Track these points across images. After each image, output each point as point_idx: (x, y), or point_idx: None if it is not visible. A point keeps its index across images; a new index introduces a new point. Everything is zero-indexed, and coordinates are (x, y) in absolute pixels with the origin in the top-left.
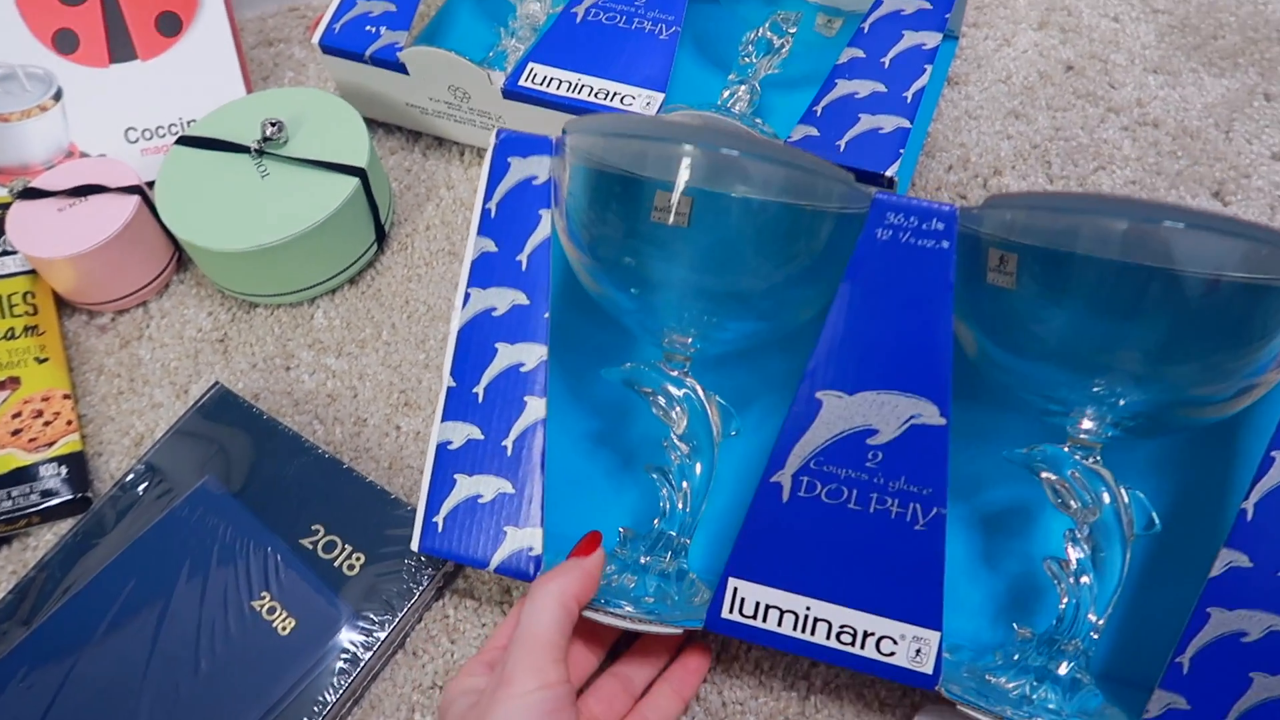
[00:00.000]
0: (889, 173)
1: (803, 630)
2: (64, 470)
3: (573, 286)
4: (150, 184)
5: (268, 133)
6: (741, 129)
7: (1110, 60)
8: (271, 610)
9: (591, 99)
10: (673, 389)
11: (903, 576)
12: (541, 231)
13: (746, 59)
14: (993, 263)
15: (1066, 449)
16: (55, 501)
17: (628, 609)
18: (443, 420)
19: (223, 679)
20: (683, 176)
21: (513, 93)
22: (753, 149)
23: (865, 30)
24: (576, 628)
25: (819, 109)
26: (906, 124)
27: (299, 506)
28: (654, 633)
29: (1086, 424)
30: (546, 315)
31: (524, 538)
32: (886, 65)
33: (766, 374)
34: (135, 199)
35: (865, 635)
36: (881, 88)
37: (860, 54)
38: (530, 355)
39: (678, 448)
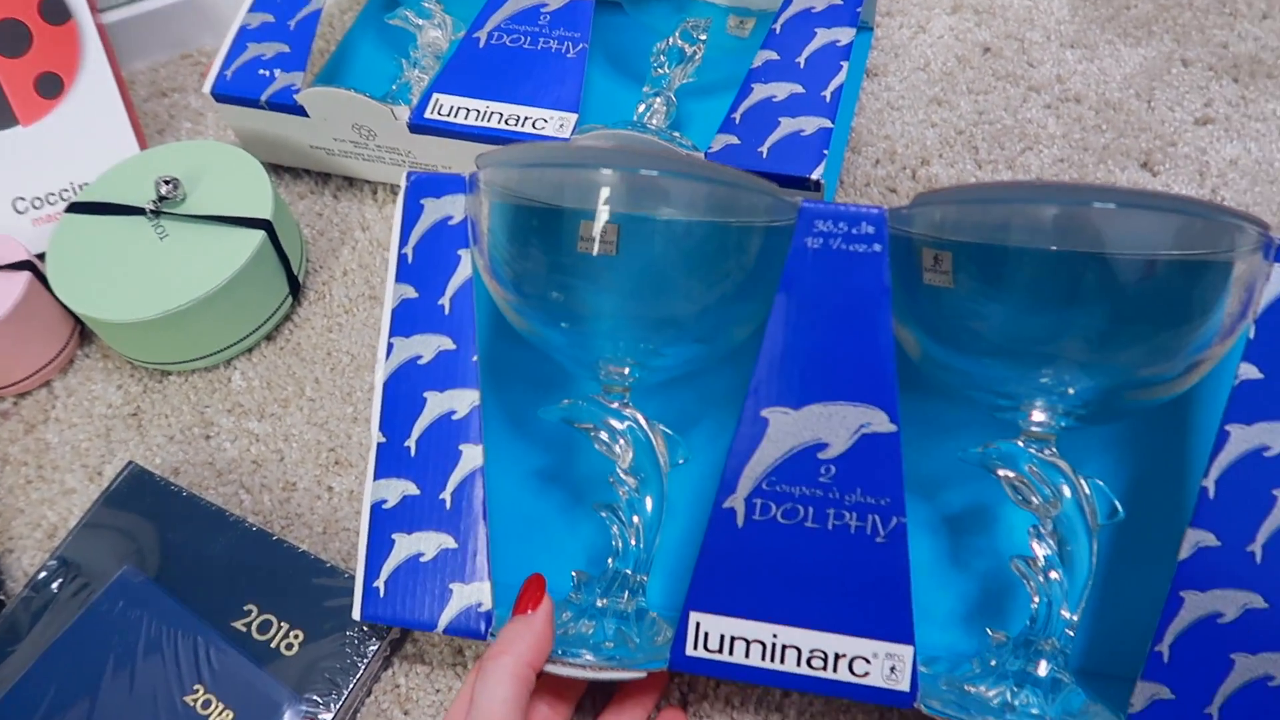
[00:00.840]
0: (814, 175)
1: (771, 659)
2: None
3: (500, 325)
4: (42, 256)
5: (163, 191)
6: (658, 146)
7: (1027, 39)
8: (206, 704)
9: (502, 126)
10: (614, 422)
11: (869, 592)
12: (462, 272)
13: (659, 70)
14: (927, 263)
15: (1021, 443)
16: None
17: (587, 657)
18: (375, 479)
19: None
20: (604, 203)
21: (419, 126)
22: (672, 167)
23: (777, 31)
24: (538, 685)
25: (737, 116)
26: (828, 124)
27: (228, 587)
28: (616, 679)
29: (1038, 415)
30: (475, 359)
31: (471, 593)
32: (802, 65)
33: (710, 394)
34: (26, 275)
35: (837, 657)
36: (799, 89)
37: (774, 56)
38: (461, 402)
39: (625, 482)
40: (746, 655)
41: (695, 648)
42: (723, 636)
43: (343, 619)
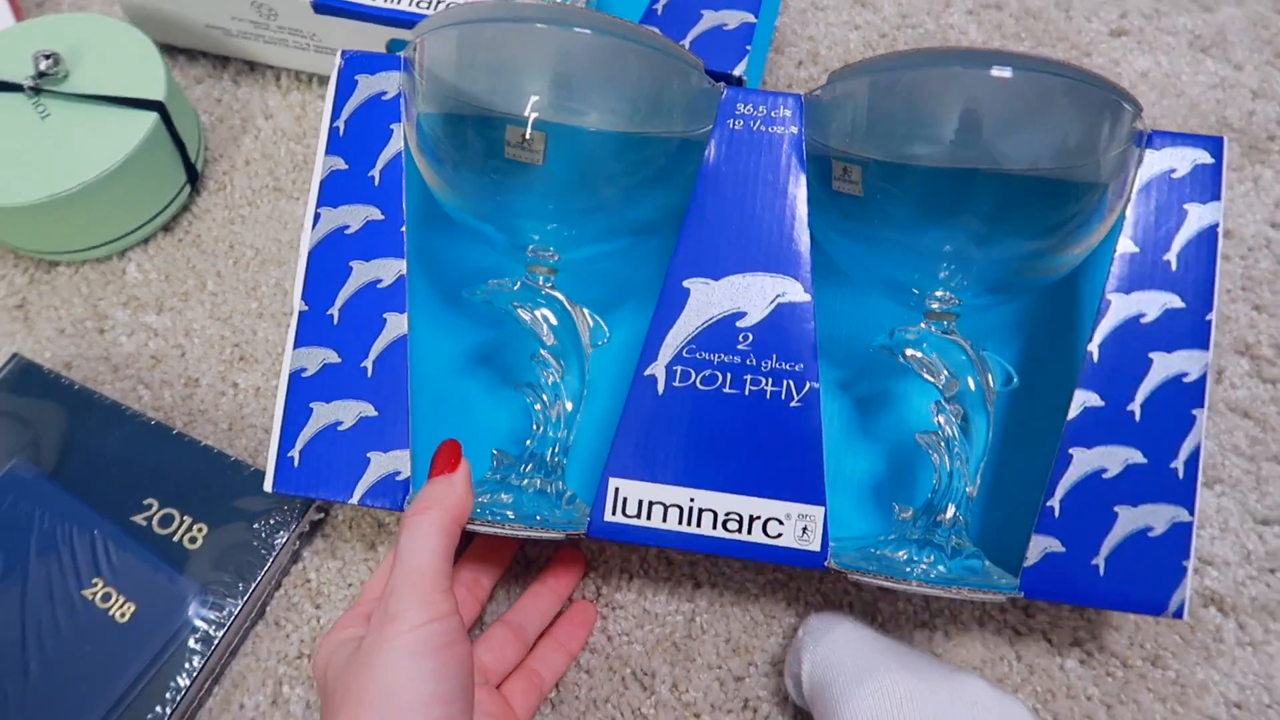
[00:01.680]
0: (737, 71)
1: (688, 523)
2: None
3: (430, 204)
4: None
5: (42, 67)
6: (592, 12)
7: None
8: (106, 597)
9: (413, 9)
10: (539, 303)
11: (783, 455)
12: (394, 146)
13: None
14: (837, 173)
15: (924, 326)
16: None
17: (510, 516)
18: (295, 347)
19: (58, 678)
20: (536, 84)
21: (324, 6)
22: (609, 28)
23: None
24: (461, 555)
25: (659, 7)
26: (751, 19)
27: (127, 482)
28: (535, 539)
29: (939, 294)
30: (403, 229)
31: (389, 462)
32: None
33: (632, 277)
34: None
35: (751, 520)
36: None
37: None
38: (388, 271)
39: (548, 363)
40: (664, 520)
41: (614, 513)
42: (641, 502)
43: (249, 514)
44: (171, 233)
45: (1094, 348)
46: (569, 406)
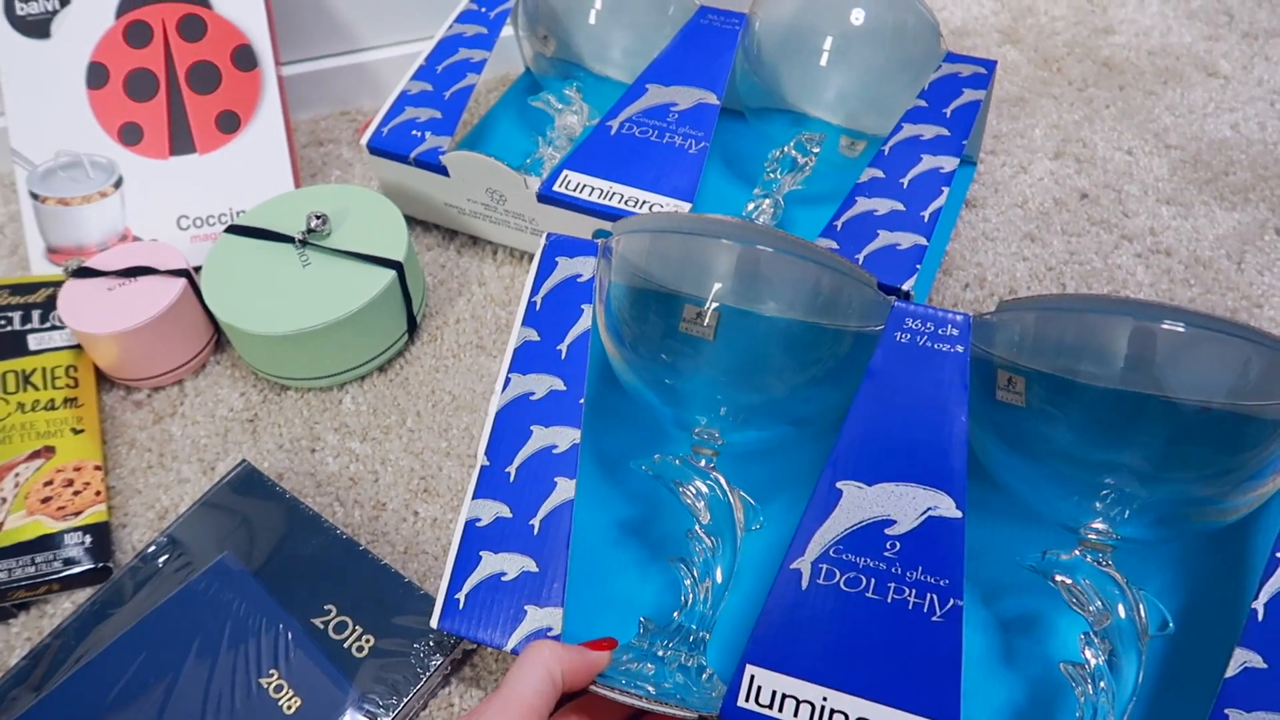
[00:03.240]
0: (905, 286)
1: None
2: (88, 539)
3: (609, 378)
4: (198, 269)
5: (312, 225)
6: (776, 231)
7: (1124, 190)
8: (279, 688)
9: (621, 205)
10: (699, 481)
11: (921, 668)
12: (582, 324)
13: (771, 175)
14: (1002, 382)
15: (1078, 553)
16: (76, 570)
17: (649, 689)
18: (474, 498)
19: None
20: (718, 280)
21: (547, 197)
22: (787, 246)
23: (886, 153)
24: (580, 705)
25: (839, 224)
26: (923, 241)
27: (314, 586)
28: (668, 714)
29: (1097, 525)
30: (581, 401)
31: (543, 617)
32: (905, 185)
33: (790, 469)
34: (182, 282)
35: None
36: (900, 206)
37: (880, 174)
38: (563, 438)
39: (702, 540)
40: (795, 714)
41: (747, 700)
42: (774, 693)
43: (412, 633)
44: (385, 373)
45: (1259, 605)
46: (719, 582)
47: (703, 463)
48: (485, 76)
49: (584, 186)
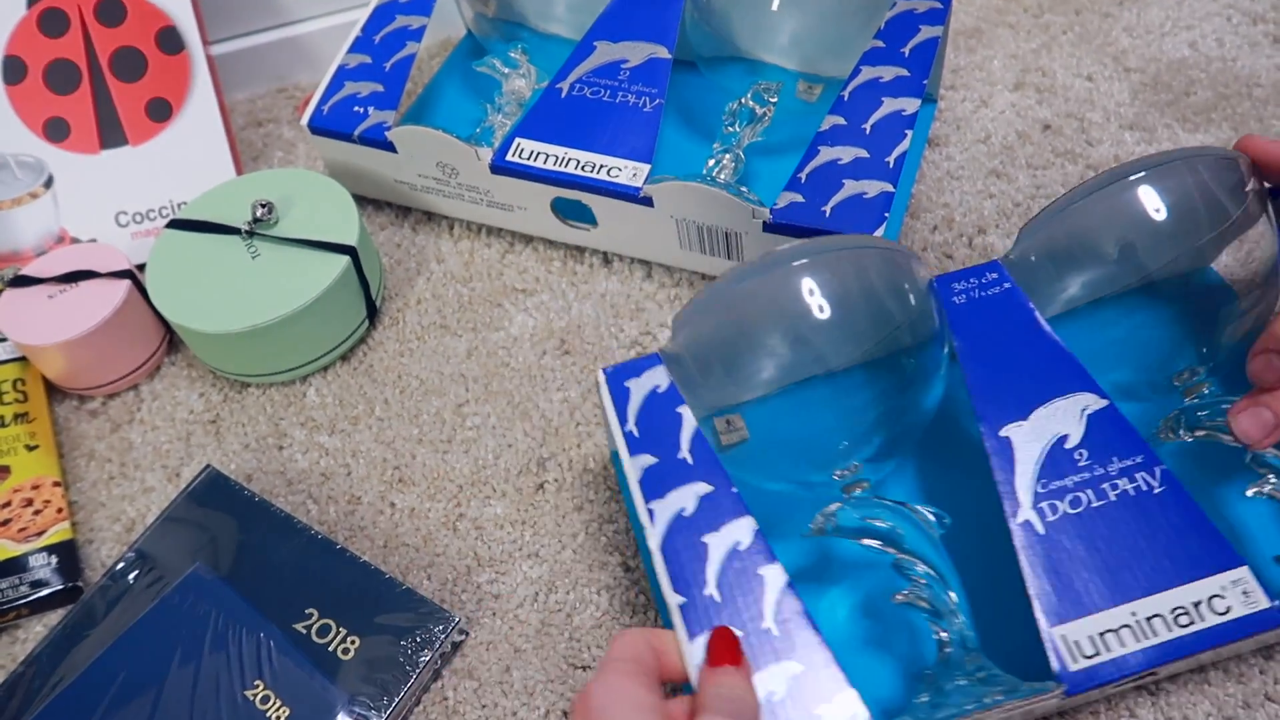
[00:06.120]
0: (876, 235)
1: (1145, 636)
2: (54, 560)
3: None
4: (141, 267)
5: (258, 214)
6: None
7: (1086, 119)
8: (265, 699)
9: (578, 171)
10: (880, 514)
11: (1178, 536)
12: (689, 425)
13: (730, 128)
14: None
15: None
16: (46, 592)
17: (993, 698)
18: (690, 640)
19: None
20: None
21: (500, 168)
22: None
23: (845, 98)
24: None
25: (803, 176)
26: (890, 188)
27: (292, 590)
28: (1027, 708)
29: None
30: (734, 489)
31: (841, 712)
32: (868, 131)
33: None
34: (126, 283)
35: (1196, 605)
36: (864, 153)
37: (841, 121)
38: (741, 531)
39: (912, 566)
40: (1122, 644)
41: (1075, 660)
42: (1091, 638)
43: (398, 630)
44: (348, 361)
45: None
46: (954, 598)
47: (859, 495)
48: (426, 43)
49: (538, 154)
